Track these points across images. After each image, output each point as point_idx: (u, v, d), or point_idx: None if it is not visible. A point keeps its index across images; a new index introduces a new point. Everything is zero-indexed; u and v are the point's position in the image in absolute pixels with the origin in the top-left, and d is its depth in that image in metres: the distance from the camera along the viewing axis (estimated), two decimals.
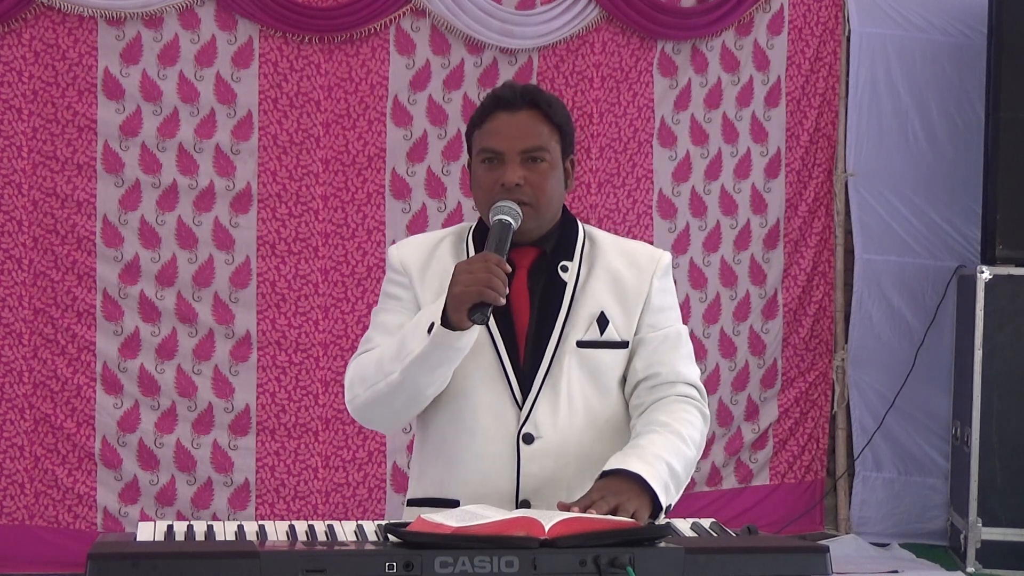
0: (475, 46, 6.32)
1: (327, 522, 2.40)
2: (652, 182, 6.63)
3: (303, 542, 2.27)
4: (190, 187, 6.07)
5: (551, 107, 2.79)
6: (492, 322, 2.69)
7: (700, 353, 6.70)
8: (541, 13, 6.38)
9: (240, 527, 2.33)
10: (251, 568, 2.04)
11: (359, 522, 2.41)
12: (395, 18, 6.23)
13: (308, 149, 6.17)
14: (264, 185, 6.14)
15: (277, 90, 6.14)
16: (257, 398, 6.13)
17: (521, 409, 2.72)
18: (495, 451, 2.72)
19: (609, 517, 2.25)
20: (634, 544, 2.15)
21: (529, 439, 2.71)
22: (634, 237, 6.42)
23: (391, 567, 2.07)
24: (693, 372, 2.82)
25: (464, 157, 6.24)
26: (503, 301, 2.56)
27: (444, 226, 4.74)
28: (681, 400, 2.75)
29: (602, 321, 2.76)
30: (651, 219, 6.63)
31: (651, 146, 6.61)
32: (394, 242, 3.87)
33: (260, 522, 2.40)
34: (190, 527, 2.30)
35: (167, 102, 6.04)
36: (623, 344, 2.78)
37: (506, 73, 6.35)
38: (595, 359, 2.76)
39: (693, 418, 2.73)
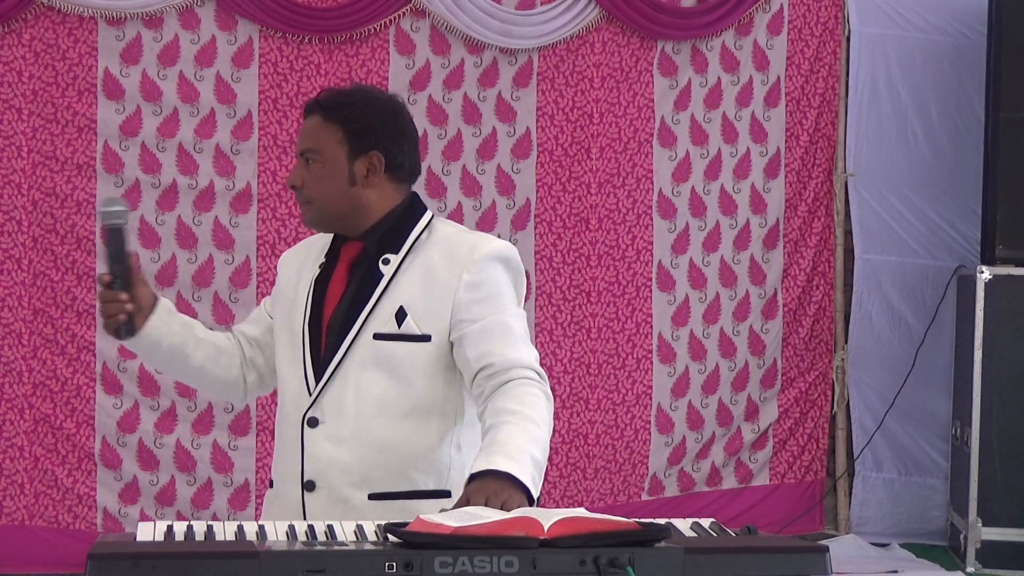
0: (475, 46, 6.32)
1: (327, 522, 2.41)
2: (652, 182, 6.63)
3: (303, 542, 2.27)
4: (190, 187, 6.07)
5: (339, 110, 2.89)
6: (307, 312, 2.89)
7: (699, 353, 6.71)
8: (541, 13, 6.38)
9: (240, 527, 2.34)
10: (251, 568, 2.04)
11: (359, 522, 2.41)
12: (395, 18, 6.23)
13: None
14: (264, 185, 6.15)
15: (277, 90, 6.15)
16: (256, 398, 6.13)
17: (311, 395, 2.84)
18: (289, 433, 2.89)
19: (608, 517, 2.25)
20: (634, 544, 2.15)
21: (313, 423, 2.84)
22: (634, 238, 6.53)
23: (391, 567, 2.07)
24: (527, 355, 2.82)
25: (463, 157, 6.34)
26: (123, 318, 2.82)
27: None
28: (522, 383, 2.76)
29: (400, 315, 2.82)
30: (651, 219, 6.63)
31: (651, 146, 6.61)
32: None
33: (260, 522, 2.40)
34: (190, 527, 2.30)
35: (167, 102, 6.04)
36: (423, 338, 2.83)
37: (506, 73, 6.36)
38: (392, 351, 2.82)
39: (536, 400, 2.74)
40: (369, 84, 6.20)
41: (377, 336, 2.83)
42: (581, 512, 2.23)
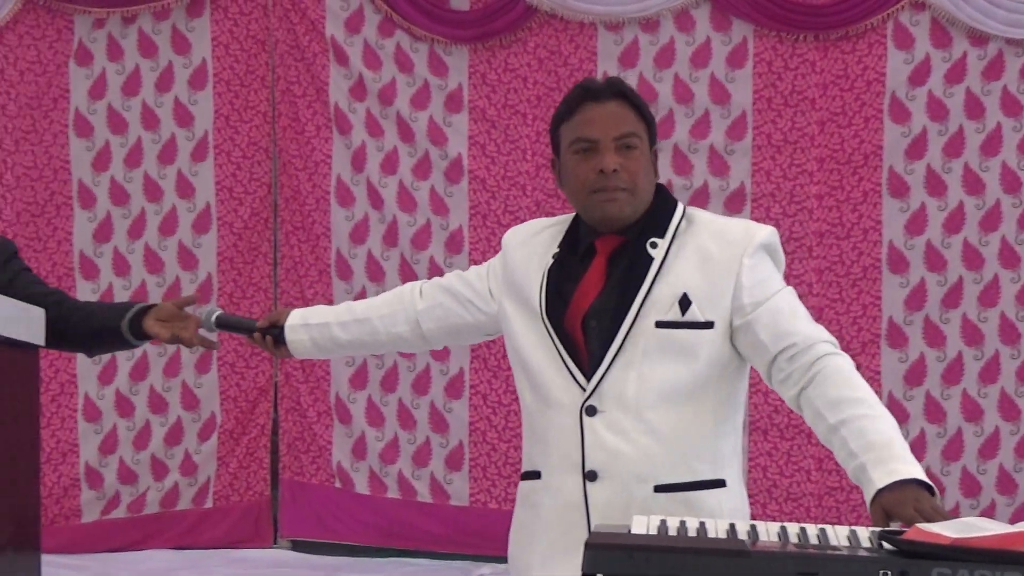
0: (978, 38, 6.05)
1: (819, 525, 2.36)
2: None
3: (795, 544, 2.24)
4: (684, 187, 6.14)
5: (636, 98, 2.87)
6: (545, 306, 2.82)
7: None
8: None
9: (732, 526, 2.33)
10: (742, 567, 2.03)
11: (852, 527, 2.35)
12: (892, 12, 6.06)
13: (802, 148, 6.11)
14: (758, 185, 6.13)
15: (771, 89, 6.12)
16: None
17: (588, 382, 2.75)
18: (560, 422, 2.79)
19: None
20: None
21: (592, 411, 2.76)
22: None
23: (886, 575, 2.00)
24: (819, 329, 2.76)
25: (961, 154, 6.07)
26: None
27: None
28: (831, 359, 2.69)
29: (684, 302, 2.75)
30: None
31: None
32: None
33: (752, 522, 2.39)
34: (683, 523, 2.32)
35: (662, 104, 6.14)
36: (706, 324, 2.75)
37: (1012, 66, 6.04)
38: (676, 338, 2.75)
39: (857, 378, 2.68)
40: (865, 81, 6.07)
41: (660, 324, 2.75)
42: None
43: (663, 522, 2.32)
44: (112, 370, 6.65)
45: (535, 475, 2.87)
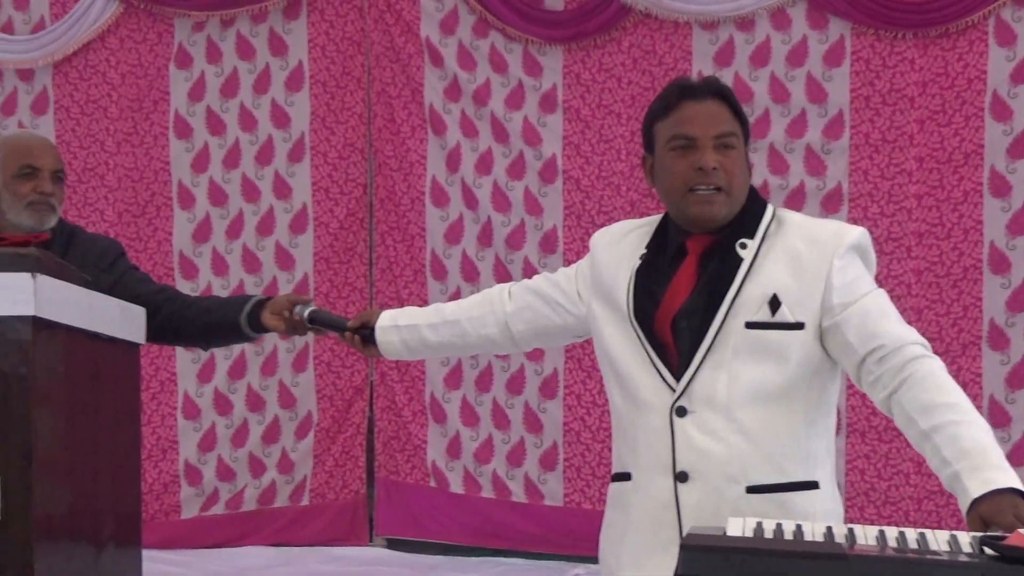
0: None
1: (918, 529, 2.33)
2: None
3: (894, 548, 2.21)
4: (780, 187, 6.09)
5: (733, 98, 2.85)
6: (632, 307, 2.83)
7: None
8: None
9: (829, 528, 2.31)
10: (839, 571, 2.01)
11: (952, 532, 2.32)
12: (994, 9, 5.95)
13: (901, 147, 6.03)
14: (855, 184, 6.07)
15: (869, 88, 6.05)
16: (847, 399, 6.06)
17: (678, 383, 2.74)
18: (650, 423, 2.78)
19: None
20: None
21: (682, 412, 2.74)
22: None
23: None
24: (909, 330, 2.72)
25: None
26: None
27: None
28: (921, 362, 2.65)
29: (774, 303, 2.73)
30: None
31: None
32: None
33: (849, 525, 2.37)
34: (779, 525, 2.30)
35: (758, 103, 6.09)
36: (796, 325, 2.73)
37: None
38: (766, 339, 2.73)
39: (949, 382, 2.63)
40: (966, 79, 5.98)
41: (750, 325, 2.73)
42: None
43: (759, 524, 2.30)
44: (211, 369, 6.74)
45: (625, 476, 2.87)
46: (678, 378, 2.76)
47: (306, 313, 3.51)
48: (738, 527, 2.30)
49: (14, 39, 6.82)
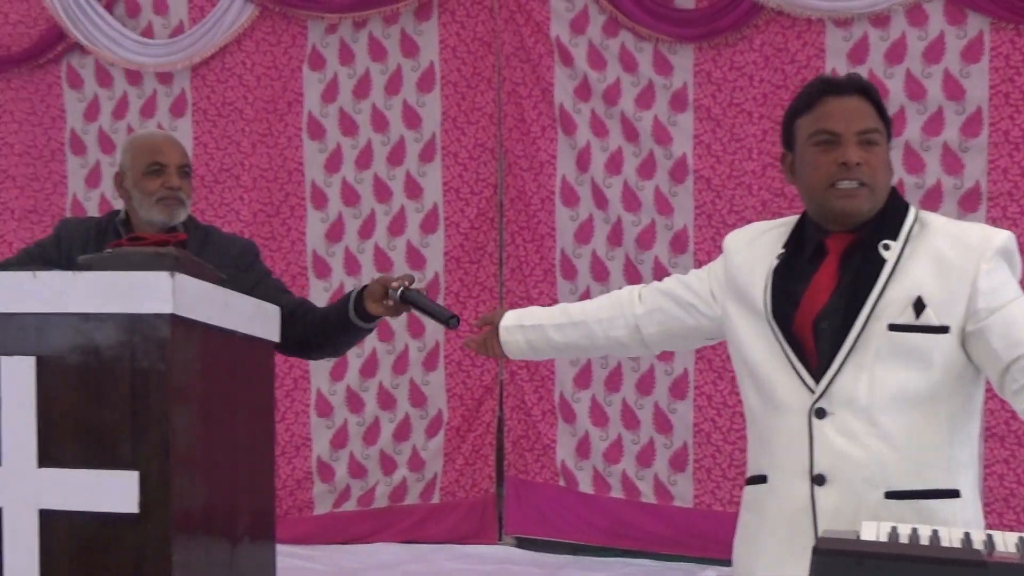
0: None
1: None
2: None
3: None
4: (916, 186, 5.99)
5: (877, 95, 2.82)
6: (770, 308, 2.80)
7: None
8: None
9: (967, 534, 2.27)
10: None
11: None
12: None
13: None
14: (994, 183, 5.94)
15: (1009, 84, 5.91)
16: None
17: (818, 385, 2.71)
18: (787, 425, 2.75)
19: None
20: None
21: (821, 414, 2.71)
22: None
23: None
24: None
25: None
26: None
27: None
28: None
29: (919, 305, 2.69)
30: None
31: None
32: None
33: (988, 531, 2.32)
34: (914, 530, 2.26)
35: (894, 100, 5.99)
36: (941, 329, 2.69)
37: None
38: (910, 342, 2.69)
39: None
40: None
41: (893, 327, 2.69)
42: None
43: (894, 529, 2.27)
44: (343, 367, 6.82)
45: (761, 479, 2.85)
46: (817, 379, 2.73)
47: (398, 295, 3.62)
48: (872, 531, 2.27)
49: (154, 43, 6.97)
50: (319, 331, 3.80)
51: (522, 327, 3.29)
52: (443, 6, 6.68)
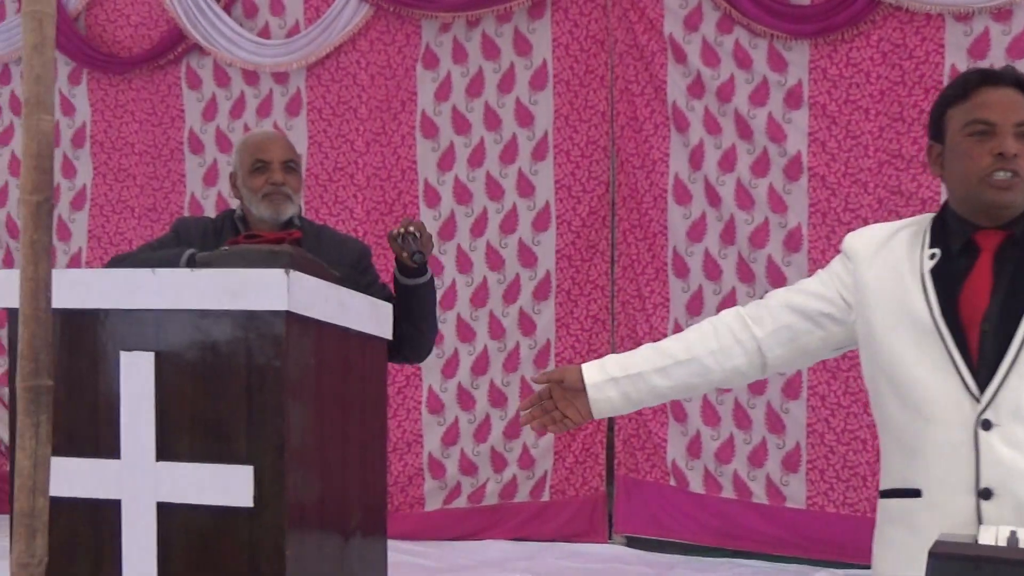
0: None
1: None
2: None
3: None
4: None
5: None
6: (938, 311, 2.67)
7: None
8: None
9: None
10: None
11: None
12: None
13: None
14: None
15: None
16: None
17: (983, 394, 2.60)
18: (950, 439, 2.63)
19: None
20: None
21: (987, 425, 2.60)
22: None
23: None
24: None
25: None
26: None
27: None
28: None
29: None
30: None
31: None
32: None
33: None
34: None
35: None
36: None
37: None
38: None
39: None
40: None
41: None
42: None
43: (1012, 533, 2.22)
44: (455, 364, 6.86)
45: (912, 493, 2.72)
46: (982, 388, 2.62)
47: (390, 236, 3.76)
48: (990, 536, 2.23)
49: (271, 44, 7.07)
50: (405, 327, 3.83)
51: (614, 380, 2.94)
52: (556, 4, 6.68)
